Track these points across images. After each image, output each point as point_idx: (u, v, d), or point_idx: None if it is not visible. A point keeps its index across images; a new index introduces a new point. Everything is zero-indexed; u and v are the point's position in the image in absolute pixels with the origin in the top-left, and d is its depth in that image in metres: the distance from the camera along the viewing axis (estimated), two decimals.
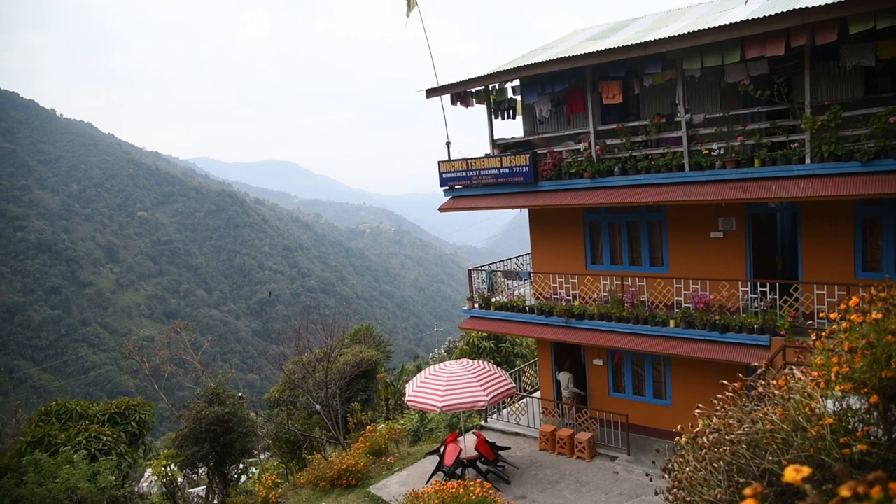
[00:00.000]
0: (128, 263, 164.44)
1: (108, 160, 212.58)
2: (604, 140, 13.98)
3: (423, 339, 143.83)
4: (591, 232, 16.03)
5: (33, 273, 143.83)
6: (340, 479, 15.90)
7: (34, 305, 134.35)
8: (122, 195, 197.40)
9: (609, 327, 14.14)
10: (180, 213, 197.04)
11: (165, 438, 40.37)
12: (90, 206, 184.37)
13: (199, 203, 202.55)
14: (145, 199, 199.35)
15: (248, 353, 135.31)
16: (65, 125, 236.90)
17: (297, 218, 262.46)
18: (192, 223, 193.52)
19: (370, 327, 31.56)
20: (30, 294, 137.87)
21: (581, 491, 13.54)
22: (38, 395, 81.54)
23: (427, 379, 14.47)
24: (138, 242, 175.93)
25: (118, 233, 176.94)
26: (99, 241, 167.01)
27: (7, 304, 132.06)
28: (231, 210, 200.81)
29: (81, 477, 14.44)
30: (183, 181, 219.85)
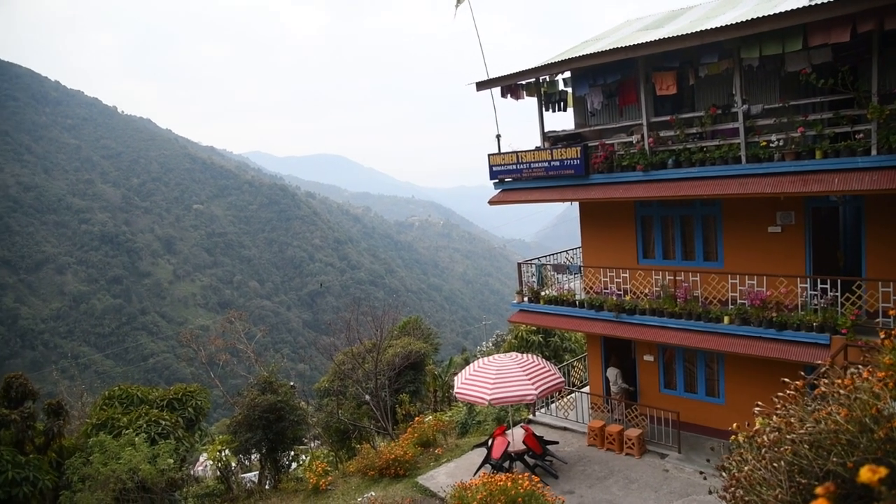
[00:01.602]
0: (184, 255, 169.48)
1: (166, 155, 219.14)
2: (657, 132, 13.70)
3: (470, 333, 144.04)
4: (643, 226, 15.75)
5: (97, 263, 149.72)
6: (389, 469, 16.09)
7: (97, 294, 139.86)
8: (179, 188, 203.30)
9: (661, 323, 13.89)
10: (234, 205, 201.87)
11: (219, 424, 41.55)
12: (149, 200, 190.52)
13: (252, 196, 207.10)
14: (201, 192, 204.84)
15: (299, 344, 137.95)
16: (126, 121, 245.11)
17: (347, 211, 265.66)
18: (246, 216, 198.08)
19: (419, 320, 31.79)
20: (93, 283, 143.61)
21: (630, 488, 13.37)
22: (101, 380, 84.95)
23: (476, 372, 14.50)
24: (194, 234, 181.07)
25: (175, 225, 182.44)
26: (157, 233, 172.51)
27: (73, 293, 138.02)
28: (283, 203, 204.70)
29: (142, 459, 15.01)
30: (237, 175, 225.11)
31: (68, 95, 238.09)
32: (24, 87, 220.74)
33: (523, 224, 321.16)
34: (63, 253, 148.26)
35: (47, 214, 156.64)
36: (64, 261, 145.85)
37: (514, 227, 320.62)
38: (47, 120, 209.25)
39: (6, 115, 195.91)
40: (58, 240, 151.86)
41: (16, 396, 19.05)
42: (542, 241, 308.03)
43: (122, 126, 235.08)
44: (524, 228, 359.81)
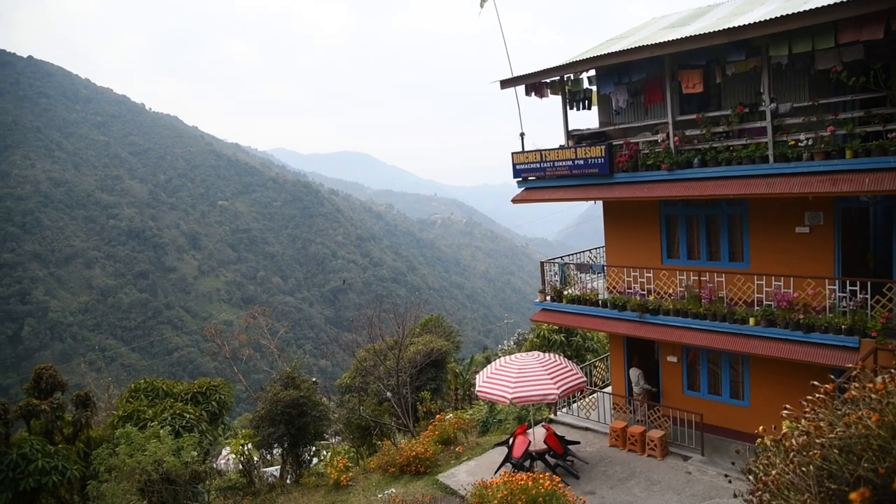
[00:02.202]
0: (209, 250, 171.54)
1: (192, 151, 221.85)
2: (682, 131, 13.56)
3: (492, 331, 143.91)
4: (668, 225, 15.60)
5: (124, 258, 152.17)
6: (409, 466, 16.14)
7: (124, 289, 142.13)
8: (205, 185, 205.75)
9: (685, 323, 13.75)
10: (258, 202, 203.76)
11: (242, 419, 42.01)
12: (175, 196, 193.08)
13: (275, 193, 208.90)
14: (226, 188, 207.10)
15: (321, 340, 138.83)
16: (153, 118, 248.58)
17: (370, 208, 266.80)
18: (270, 212, 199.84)
19: (440, 317, 31.84)
20: (120, 278, 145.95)
21: (652, 490, 13.26)
22: (127, 373, 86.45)
23: (498, 370, 14.48)
24: (219, 230, 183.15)
25: (200, 221, 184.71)
26: (183, 229, 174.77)
27: (101, 287, 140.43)
28: (306, 200, 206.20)
29: (167, 451, 15.22)
30: (261, 172, 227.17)
31: (98, 93, 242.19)
32: (55, 84, 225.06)
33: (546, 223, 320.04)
34: (91, 247, 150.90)
35: (76, 209, 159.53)
36: (92, 255, 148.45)
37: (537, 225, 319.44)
38: (77, 117, 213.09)
39: (38, 111, 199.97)
40: (86, 234, 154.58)
41: (45, 387, 19.45)
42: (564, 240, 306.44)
43: (149, 123, 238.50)
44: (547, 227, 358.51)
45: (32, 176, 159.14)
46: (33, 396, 19.15)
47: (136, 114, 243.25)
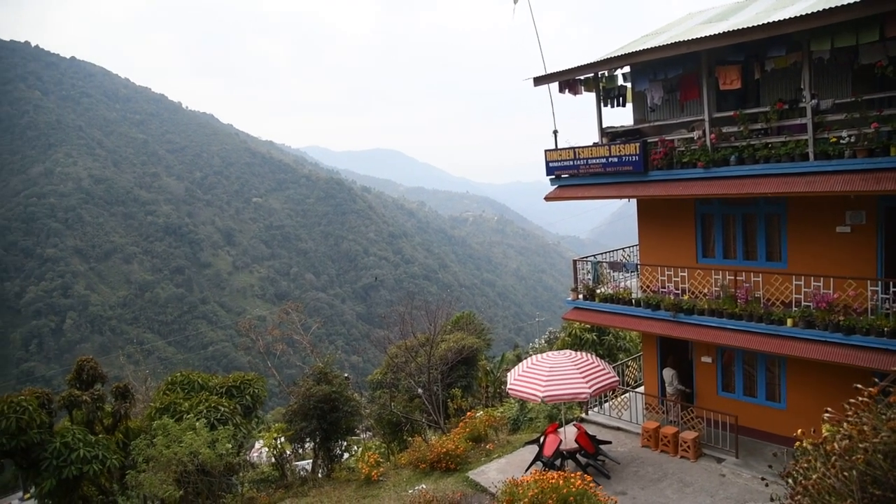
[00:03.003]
0: (243, 246, 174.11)
1: (227, 149, 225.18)
2: (719, 128, 13.33)
3: (523, 329, 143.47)
4: (703, 224, 15.37)
5: (161, 254, 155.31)
6: (440, 463, 16.19)
7: (161, 284, 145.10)
8: (239, 182, 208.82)
9: (720, 324, 13.53)
10: (292, 199, 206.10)
11: (275, 413, 42.57)
12: (211, 193, 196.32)
13: (309, 190, 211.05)
14: (260, 185, 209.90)
15: (353, 336, 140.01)
16: (189, 117, 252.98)
17: (402, 206, 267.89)
18: (303, 209, 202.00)
19: (472, 315, 31.86)
20: (157, 273, 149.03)
21: (684, 491, 13.10)
22: (163, 366, 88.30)
23: (529, 368, 14.45)
24: (253, 227, 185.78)
25: (235, 217, 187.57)
26: (218, 225, 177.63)
27: (139, 282, 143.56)
28: (339, 197, 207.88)
29: (202, 443, 15.52)
30: (294, 169, 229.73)
31: (136, 92, 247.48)
32: (97, 84, 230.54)
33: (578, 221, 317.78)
34: (130, 243, 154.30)
35: (116, 206, 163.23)
36: (131, 251, 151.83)
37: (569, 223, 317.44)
38: (117, 116, 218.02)
39: (80, 110, 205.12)
40: (125, 230, 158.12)
41: (87, 379, 19.99)
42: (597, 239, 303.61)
43: (186, 121, 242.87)
44: (579, 225, 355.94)
45: (74, 173, 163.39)
46: (75, 387, 19.70)
47: (173, 112, 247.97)
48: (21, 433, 16.36)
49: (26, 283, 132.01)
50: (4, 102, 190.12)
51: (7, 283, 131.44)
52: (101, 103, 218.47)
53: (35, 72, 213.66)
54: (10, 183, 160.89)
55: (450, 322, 28.74)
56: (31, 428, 16.64)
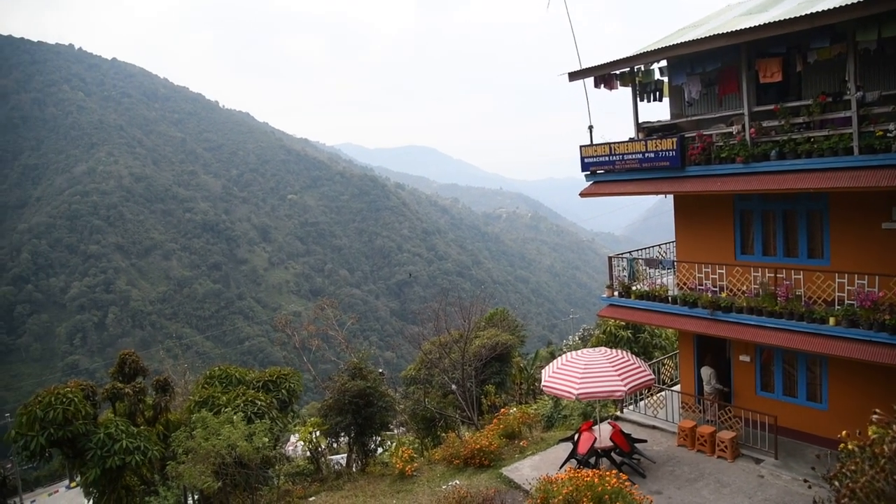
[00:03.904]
0: (279, 243, 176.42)
1: (263, 147, 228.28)
2: (759, 122, 13.06)
3: (556, 326, 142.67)
4: (742, 220, 15.08)
5: (199, 250, 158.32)
6: (474, 459, 16.22)
7: (199, 280, 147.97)
8: (275, 179, 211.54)
9: (759, 322, 13.27)
10: (326, 196, 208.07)
11: (309, 407, 43.09)
12: (247, 190, 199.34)
13: (343, 187, 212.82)
14: (295, 182, 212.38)
15: (386, 332, 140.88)
16: (226, 115, 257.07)
17: (436, 202, 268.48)
18: (337, 206, 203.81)
19: (505, 311, 31.79)
20: (195, 269, 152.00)
21: (721, 492, 12.90)
22: (201, 360, 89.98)
23: (564, 365, 14.38)
24: (288, 224, 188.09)
25: (271, 214, 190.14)
26: (254, 222, 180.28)
27: (177, 278, 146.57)
28: (373, 194, 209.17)
29: (240, 436, 15.77)
30: (329, 166, 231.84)
31: (175, 91, 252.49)
32: (137, 84, 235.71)
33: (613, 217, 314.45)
34: (169, 240, 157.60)
35: (155, 203, 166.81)
36: (170, 247, 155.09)
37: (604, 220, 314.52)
38: (156, 115, 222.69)
39: (121, 110, 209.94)
40: (164, 227, 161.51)
41: (129, 372, 20.53)
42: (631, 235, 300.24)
43: (222, 120, 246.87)
44: (613, 221, 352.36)
45: (116, 172, 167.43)
46: (118, 380, 20.24)
47: (210, 111, 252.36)
48: (67, 424, 16.87)
49: (71, 278, 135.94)
50: (50, 104, 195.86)
51: (53, 278, 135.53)
52: (140, 103, 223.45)
53: (78, 73, 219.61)
54: (56, 182, 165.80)
55: (483, 318, 28.73)
56: (77, 419, 17.15)
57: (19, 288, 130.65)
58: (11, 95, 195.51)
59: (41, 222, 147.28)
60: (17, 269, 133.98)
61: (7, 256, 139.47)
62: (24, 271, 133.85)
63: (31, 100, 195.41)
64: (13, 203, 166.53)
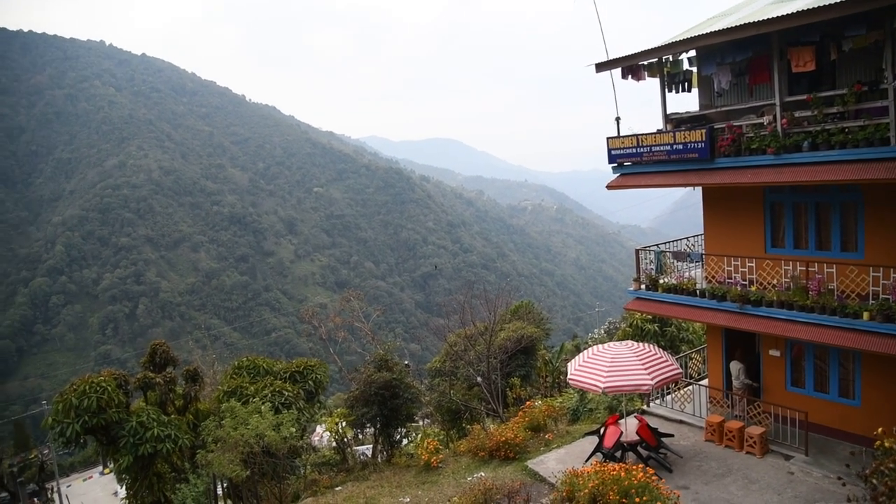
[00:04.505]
0: (305, 235, 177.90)
1: (289, 140, 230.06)
2: (791, 112, 12.80)
3: (582, 319, 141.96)
4: (773, 212, 14.83)
5: (226, 242, 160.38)
6: (499, 451, 16.24)
7: (227, 271, 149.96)
8: (301, 172, 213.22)
9: (789, 316, 13.05)
10: (352, 189, 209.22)
11: (335, 398, 43.51)
12: (273, 183, 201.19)
13: (368, 180, 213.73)
14: (321, 175, 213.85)
15: (411, 324, 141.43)
16: (252, 109, 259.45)
17: (461, 195, 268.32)
18: (363, 199, 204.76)
19: (531, 304, 31.70)
20: (223, 261, 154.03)
21: (750, 488, 12.75)
22: (229, 351, 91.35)
23: (590, 359, 14.30)
24: (314, 216, 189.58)
25: (297, 207, 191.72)
26: (280, 215, 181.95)
27: (206, 270, 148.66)
28: (398, 186, 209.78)
29: (268, 426, 16.01)
30: (354, 159, 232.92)
31: (203, 86, 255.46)
32: (165, 79, 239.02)
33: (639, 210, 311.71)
34: (197, 232, 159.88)
35: (184, 196, 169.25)
36: (198, 239, 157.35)
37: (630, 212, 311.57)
38: (185, 109, 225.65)
39: (150, 105, 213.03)
40: (193, 220, 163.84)
41: (159, 362, 20.92)
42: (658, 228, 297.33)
43: (249, 113, 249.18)
44: (640, 214, 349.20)
45: (146, 165, 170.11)
46: (149, 370, 20.64)
47: (237, 104, 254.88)
48: (101, 412, 17.28)
49: (103, 270, 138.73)
50: (82, 99, 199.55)
51: (86, 270, 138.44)
52: (169, 97, 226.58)
53: (109, 69, 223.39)
54: (88, 175, 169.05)
55: (508, 311, 28.70)
56: (110, 407, 17.55)
57: (54, 279, 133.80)
58: (46, 91, 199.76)
59: (74, 215, 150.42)
60: (51, 260, 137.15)
61: (42, 248, 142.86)
62: (59, 263, 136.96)
63: (64, 95, 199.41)
64: (48, 196, 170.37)
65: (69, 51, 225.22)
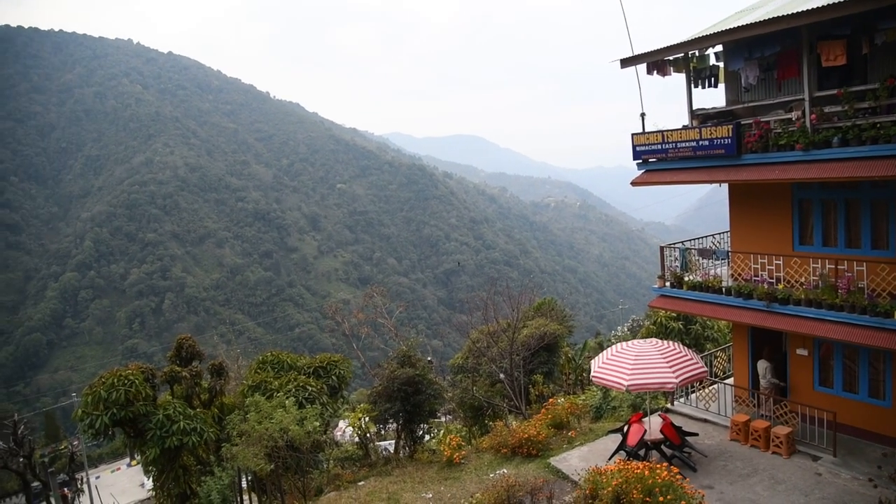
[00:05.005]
0: (328, 231, 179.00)
1: (313, 136, 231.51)
2: (820, 108, 12.58)
3: (605, 316, 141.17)
4: (801, 209, 14.59)
5: (250, 238, 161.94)
6: (521, 448, 16.22)
7: (251, 267, 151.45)
8: (324, 169, 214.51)
9: (818, 315, 12.84)
10: (375, 185, 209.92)
11: (357, 394, 43.75)
12: (297, 179, 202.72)
13: (391, 176, 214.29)
14: (344, 172, 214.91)
15: (433, 320, 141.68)
16: (277, 106, 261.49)
17: (483, 191, 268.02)
18: (385, 195, 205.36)
19: (553, 301, 31.59)
20: (247, 257, 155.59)
21: (776, 489, 12.59)
22: (253, 346, 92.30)
23: (614, 356, 14.21)
24: (337, 212, 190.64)
25: (320, 203, 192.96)
26: (304, 211, 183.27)
27: (230, 266, 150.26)
28: (421, 183, 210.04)
29: (292, 420, 16.14)
30: (377, 156, 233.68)
31: (228, 83, 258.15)
32: (191, 77, 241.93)
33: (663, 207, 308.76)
34: (222, 228, 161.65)
35: (209, 193, 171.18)
36: (223, 235, 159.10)
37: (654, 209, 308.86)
38: (210, 106, 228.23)
39: (176, 102, 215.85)
40: (217, 216, 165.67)
41: (185, 356, 21.20)
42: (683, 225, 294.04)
43: (273, 110, 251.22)
44: (664, 211, 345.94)
45: (172, 162, 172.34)
46: (175, 364, 20.93)
47: (261, 101, 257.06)
48: (129, 404, 17.59)
49: (130, 265, 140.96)
50: (111, 97, 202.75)
51: (113, 265, 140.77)
52: (195, 95, 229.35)
53: (137, 67, 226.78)
54: (116, 172, 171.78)
55: (532, 308, 28.62)
56: (138, 400, 17.85)
57: (83, 274, 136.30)
58: (76, 89, 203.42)
59: (102, 211, 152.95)
60: (80, 255, 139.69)
61: (72, 244, 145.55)
62: (87, 258, 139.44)
63: (93, 93, 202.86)
64: (77, 193, 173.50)
65: (98, 49, 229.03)
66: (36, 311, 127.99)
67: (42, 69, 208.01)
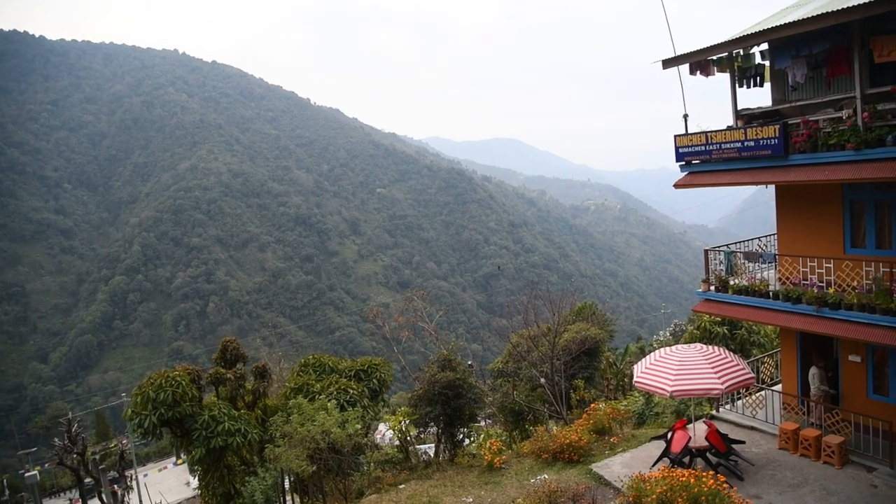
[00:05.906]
0: (368, 236, 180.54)
1: (352, 142, 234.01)
2: (873, 105, 12.17)
3: (646, 321, 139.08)
4: (852, 211, 14.13)
5: (292, 242, 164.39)
6: (563, 454, 16.06)
7: (292, 271, 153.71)
8: (364, 173, 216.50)
9: (871, 320, 12.40)
10: (414, 189, 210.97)
11: (398, 397, 43.95)
12: (337, 184, 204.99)
13: (430, 180, 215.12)
14: (383, 176, 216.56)
15: (473, 324, 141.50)
16: (317, 112, 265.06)
17: (522, 195, 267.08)
18: (424, 199, 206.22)
19: (594, 305, 31.27)
20: (289, 261, 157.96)
21: (828, 500, 12.19)
22: (294, 349, 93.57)
23: (657, 361, 13.98)
24: (377, 217, 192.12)
25: (360, 208, 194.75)
26: (344, 216, 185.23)
27: (272, 269, 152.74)
28: (460, 187, 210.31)
29: (333, 423, 16.29)
30: (416, 160, 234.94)
31: (270, 91, 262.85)
32: (234, 85, 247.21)
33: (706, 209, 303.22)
34: (264, 233, 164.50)
35: (252, 198, 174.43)
36: (265, 240, 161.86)
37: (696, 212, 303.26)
38: (252, 113, 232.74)
39: (220, 110, 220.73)
40: (260, 221, 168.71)
41: (230, 358, 21.61)
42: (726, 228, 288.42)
43: (314, 116, 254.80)
44: (707, 214, 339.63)
45: (216, 168, 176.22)
46: (220, 366, 21.35)
47: (302, 108, 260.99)
48: (176, 405, 18.00)
49: (175, 269, 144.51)
50: (157, 105, 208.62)
51: (160, 269, 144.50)
52: (238, 102, 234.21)
53: (182, 76, 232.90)
54: (162, 178, 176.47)
55: (572, 312, 28.37)
56: (185, 401, 18.26)
57: (131, 277, 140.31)
58: (124, 99, 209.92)
59: (150, 216, 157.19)
60: (129, 260, 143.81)
61: (121, 248, 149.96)
62: (136, 262, 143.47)
63: (140, 102, 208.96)
64: (126, 199, 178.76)
65: (146, 60, 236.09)
66: (87, 313, 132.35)
67: (93, 80, 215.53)
